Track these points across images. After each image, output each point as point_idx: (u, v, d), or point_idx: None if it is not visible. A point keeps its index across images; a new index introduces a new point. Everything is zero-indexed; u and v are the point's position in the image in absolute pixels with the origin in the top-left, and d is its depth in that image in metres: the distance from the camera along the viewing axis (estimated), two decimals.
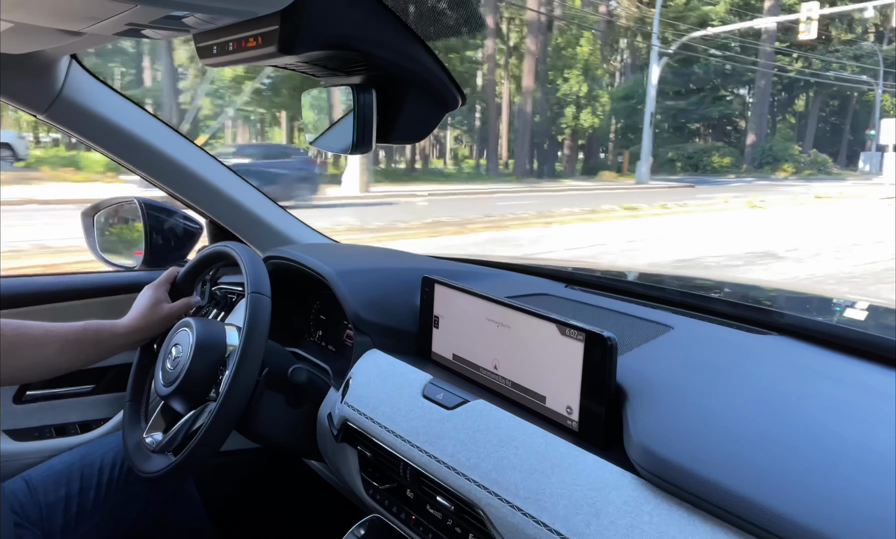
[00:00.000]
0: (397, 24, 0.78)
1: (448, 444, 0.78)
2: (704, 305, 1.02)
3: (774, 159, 30.84)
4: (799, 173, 29.80)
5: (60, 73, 1.21)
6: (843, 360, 0.81)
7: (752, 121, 33.00)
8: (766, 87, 32.16)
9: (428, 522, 0.83)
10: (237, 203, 1.47)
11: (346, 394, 0.96)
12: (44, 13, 0.79)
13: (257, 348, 0.93)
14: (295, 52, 0.74)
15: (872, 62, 33.01)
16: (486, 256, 1.43)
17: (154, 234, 1.49)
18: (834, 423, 0.63)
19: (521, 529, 0.66)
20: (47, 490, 1.10)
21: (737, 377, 0.75)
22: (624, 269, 1.56)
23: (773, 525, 0.51)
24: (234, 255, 1.04)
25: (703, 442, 0.61)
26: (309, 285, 1.27)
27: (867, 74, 33.18)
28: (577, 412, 0.74)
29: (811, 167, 31.15)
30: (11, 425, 1.38)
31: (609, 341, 0.70)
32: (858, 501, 0.51)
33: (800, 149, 34.02)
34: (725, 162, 30.94)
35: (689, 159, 31.01)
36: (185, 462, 0.94)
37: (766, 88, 32.21)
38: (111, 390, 1.48)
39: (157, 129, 1.36)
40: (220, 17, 0.74)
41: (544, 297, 1.11)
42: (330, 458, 1.04)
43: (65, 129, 1.28)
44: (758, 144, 31.83)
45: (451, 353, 0.95)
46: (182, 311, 1.18)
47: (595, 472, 0.65)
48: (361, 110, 0.83)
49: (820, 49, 34.27)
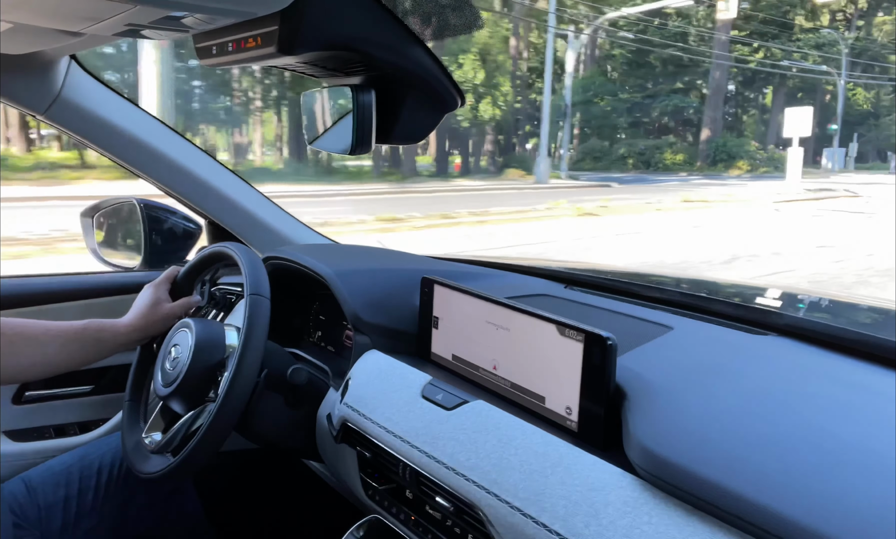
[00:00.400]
0: (396, 25, 0.78)
1: (447, 445, 0.78)
2: (704, 306, 1.02)
3: (728, 156, 29.24)
4: (754, 171, 28.15)
5: (60, 74, 1.21)
6: (843, 360, 0.81)
7: (706, 115, 30.85)
8: (722, 79, 30.44)
9: (427, 523, 0.83)
10: (236, 203, 1.47)
11: (345, 394, 0.96)
12: (43, 14, 0.79)
13: (256, 349, 0.93)
14: (294, 53, 0.74)
15: (836, 51, 31.56)
16: (486, 257, 1.43)
17: (153, 235, 1.49)
18: (833, 423, 0.63)
19: (521, 530, 0.66)
20: (46, 491, 1.10)
21: (736, 378, 0.75)
22: (624, 270, 1.56)
23: (772, 525, 0.51)
24: (234, 256, 1.04)
25: (703, 442, 0.61)
26: (308, 286, 1.27)
27: (830, 64, 31.60)
28: (576, 413, 0.74)
29: (767, 165, 29.34)
30: (10, 426, 1.38)
31: (608, 342, 0.70)
32: (858, 502, 0.51)
33: (757, 145, 32.27)
34: (678, 159, 29.59)
35: (640, 156, 29.35)
36: (184, 463, 0.94)
37: (722, 80, 30.50)
38: (110, 391, 1.48)
39: (156, 130, 1.36)
40: (219, 17, 0.74)
41: (544, 297, 1.11)
42: (329, 459, 1.04)
43: (64, 129, 1.28)
44: (712, 140, 30.15)
45: (451, 354, 0.95)
46: (182, 311, 1.18)
47: (594, 472, 0.65)
48: (361, 111, 0.83)
49: (782, 38, 32.59)
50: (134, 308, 1.15)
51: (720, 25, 29.01)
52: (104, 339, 1.10)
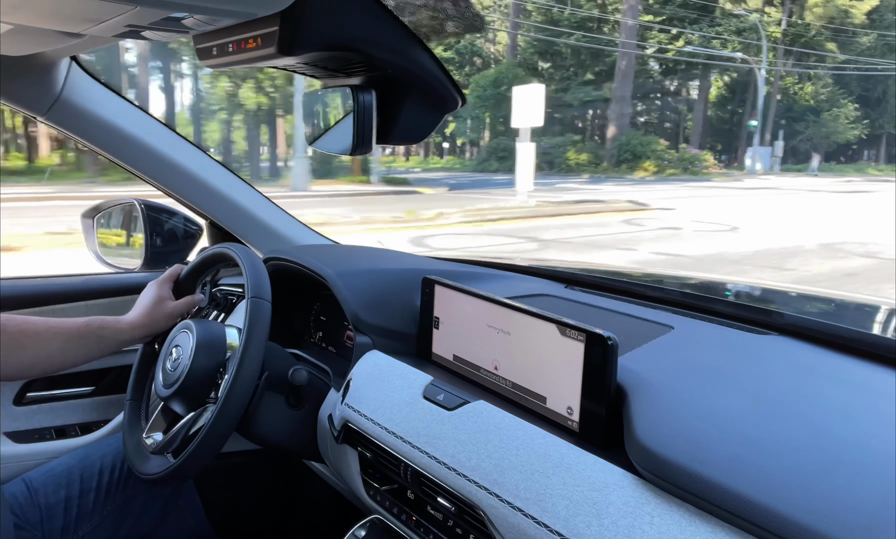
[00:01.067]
0: (397, 26, 0.78)
1: (449, 445, 0.77)
2: (705, 305, 1.02)
3: (633, 156, 25.79)
4: (661, 173, 24.91)
5: (60, 75, 1.21)
6: (844, 360, 0.81)
7: (612, 109, 27.37)
8: (629, 69, 26.83)
9: (428, 523, 0.83)
10: (237, 204, 1.47)
11: (346, 395, 0.96)
12: (44, 15, 0.79)
13: (257, 350, 0.93)
14: (294, 54, 0.74)
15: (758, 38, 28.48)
16: (487, 257, 1.43)
17: (154, 236, 1.49)
18: (835, 423, 0.63)
19: (522, 530, 0.66)
20: (47, 492, 1.10)
21: (737, 377, 0.75)
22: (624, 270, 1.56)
23: (773, 525, 0.51)
24: (236, 257, 1.04)
25: (704, 442, 0.61)
26: (309, 286, 1.27)
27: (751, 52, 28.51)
28: (577, 413, 0.74)
29: (677, 166, 25.94)
30: (11, 427, 1.38)
31: (609, 341, 0.70)
32: (859, 501, 0.51)
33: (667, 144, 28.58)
34: (582, 159, 26.75)
35: (544, 155, 25.71)
36: (185, 464, 0.94)
37: (629, 70, 26.85)
38: (111, 392, 1.48)
39: (156, 131, 1.36)
40: (219, 18, 0.74)
41: (544, 297, 1.11)
42: (330, 460, 1.04)
43: (65, 131, 1.28)
44: (618, 137, 26.68)
45: (452, 354, 0.94)
46: (186, 309, 1.18)
47: (596, 472, 0.65)
48: (361, 111, 0.83)
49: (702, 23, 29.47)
50: (137, 306, 1.15)
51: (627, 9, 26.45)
52: (106, 336, 1.09)
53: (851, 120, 32.79)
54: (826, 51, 31.80)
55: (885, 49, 32.08)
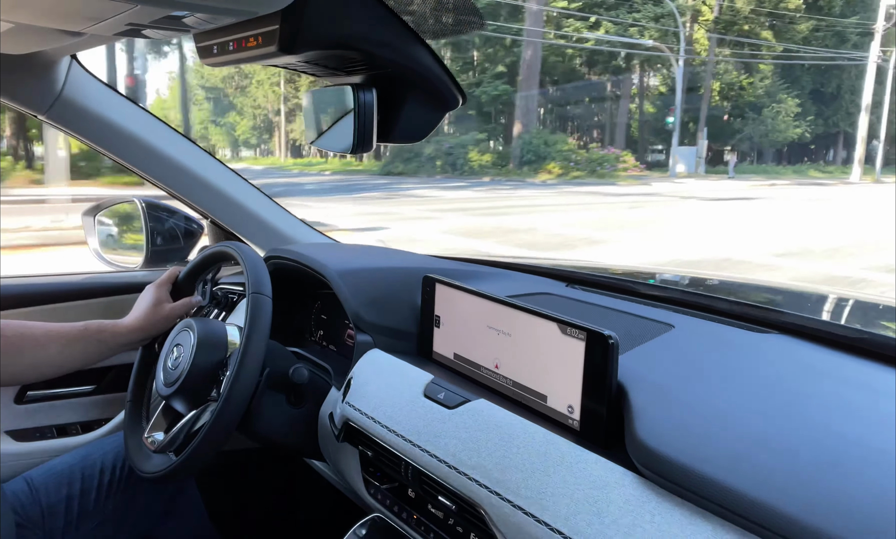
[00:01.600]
0: (398, 24, 0.78)
1: (449, 444, 0.78)
2: (706, 304, 1.02)
3: (537, 157, 23.07)
4: (565, 175, 22.28)
5: (61, 74, 1.21)
6: (845, 358, 0.81)
7: (517, 105, 24.30)
8: (535, 61, 23.81)
9: (429, 522, 0.83)
10: (238, 203, 1.47)
11: (347, 393, 0.96)
12: (44, 13, 0.79)
13: (258, 348, 0.93)
14: (295, 52, 0.74)
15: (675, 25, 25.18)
16: (487, 256, 1.43)
17: (155, 234, 1.49)
18: (836, 421, 0.63)
19: (523, 529, 0.66)
20: (48, 491, 1.10)
21: (738, 376, 0.75)
22: (625, 268, 1.56)
23: (774, 523, 0.51)
24: (236, 255, 1.04)
25: (705, 441, 0.61)
26: (310, 285, 1.27)
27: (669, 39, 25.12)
28: (578, 411, 0.74)
29: (584, 168, 23.06)
30: (12, 426, 1.39)
31: (610, 340, 0.70)
32: (860, 500, 0.51)
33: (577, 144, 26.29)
34: (486, 160, 23.98)
35: (447, 156, 23.82)
36: (186, 462, 0.94)
37: (535, 62, 23.82)
38: (112, 391, 1.48)
39: (157, 130, 1.36)
40: (220, 17, 0.74)
41: (545, 296, 1.11)
42: (331, 458, 1.04)
43: (65, 129, 1.28)
44: (522, 135, 23.80)
45: (453, 353, 0.94)
46: (183, 311, 1.18)
47: (596, 471, 0.65)
48: (362, 109, 0.83)
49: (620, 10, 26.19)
50: (135, 309, 1.16)
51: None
52: (105, 339, 1.10)
53: (793, 116, 29.90)
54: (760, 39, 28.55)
55: (837, 40, 29.14)
